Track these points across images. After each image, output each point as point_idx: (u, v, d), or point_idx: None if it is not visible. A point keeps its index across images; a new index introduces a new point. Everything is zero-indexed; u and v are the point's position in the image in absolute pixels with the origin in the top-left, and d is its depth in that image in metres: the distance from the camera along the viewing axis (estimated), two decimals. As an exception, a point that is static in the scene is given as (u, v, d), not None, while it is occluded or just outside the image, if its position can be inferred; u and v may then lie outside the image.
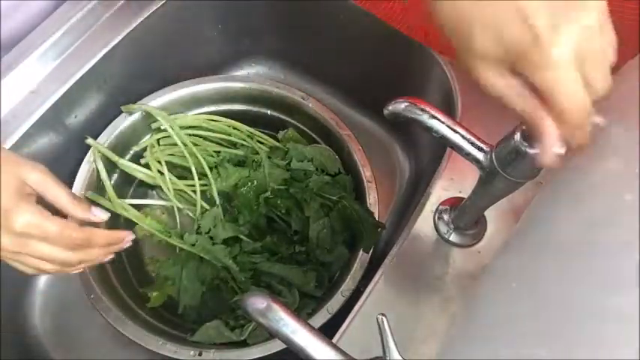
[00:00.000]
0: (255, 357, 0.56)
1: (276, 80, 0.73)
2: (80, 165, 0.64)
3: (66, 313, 0.71)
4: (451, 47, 0.34)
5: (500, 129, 0.41)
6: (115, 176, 0.69)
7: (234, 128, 0.72)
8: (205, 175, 0.68)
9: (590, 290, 0.29)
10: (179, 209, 0.68)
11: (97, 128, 0.67)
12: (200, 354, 0.57)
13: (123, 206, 0.63)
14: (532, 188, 0.51)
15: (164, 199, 0.71)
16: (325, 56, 0.80)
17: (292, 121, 0.75)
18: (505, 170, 0.40)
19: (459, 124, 0.42)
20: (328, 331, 0.47)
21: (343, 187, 0.68)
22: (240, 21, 0.78)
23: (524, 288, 0.37)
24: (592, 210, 0.35)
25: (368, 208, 0.65)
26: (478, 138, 0.42)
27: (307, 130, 0.74)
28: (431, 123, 0.41)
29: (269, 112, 0.75)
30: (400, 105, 0.41)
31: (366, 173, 0.67)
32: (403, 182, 0.79)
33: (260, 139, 0.73)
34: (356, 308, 0.51)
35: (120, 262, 0.67)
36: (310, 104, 0.71)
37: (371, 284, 0.52)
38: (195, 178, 0.67)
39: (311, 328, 0.36)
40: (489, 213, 0.55)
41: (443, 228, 0.55)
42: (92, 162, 0.64)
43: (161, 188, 0.67)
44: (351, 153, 0.69)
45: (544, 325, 0.31)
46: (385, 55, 0.71)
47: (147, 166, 0.67)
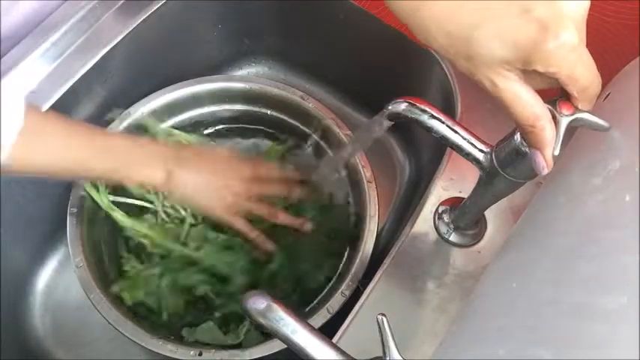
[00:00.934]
0: (255, 357, 0.56)
1: (276, 80, 0.73)
2: (80, 165, 0.64)
3: (66, 313, 0.71)
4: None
5: (500, 129, 0.41)
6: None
7: None
8: None
9: (590, 290, 0.29)
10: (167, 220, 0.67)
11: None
12: (200, 354, 0.57)
13: (111, 206, 0.63)
14: (532, 188, 0.51)
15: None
16: (325, 56, 0.80)
17: (292, 121, 0.75)
18: (505, 170, 0.40)
19: (459, 125, 0.42)
20: (328, 331, 0.47)
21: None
22: (240, 21, 0.78)
23: (524, 288, 0.37)
24: (592, 210, 0.35)
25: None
26: (478, 138, 0.42)
27: (307, 130, 0.74)
28: (431, 123, 0.41)
29: (269, 112, 0.75)
30: (400, 105, 0.41)
31: (366, 173, 0.67)
32: (403, 182, 0.79)
33: None
34: (356, 308, 0.51)
35: (120, 262, 0.67)
36: (310, 104, 0.71)
37: (371, 284, 0.52)
38: None
39: (311, 328, 0.36)
40: (489, 213, 0.55)
41: (443, 228, 0.55)
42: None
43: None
44: (351, 153, 0.69)
45: (544, 325, 0.31)
46: (385, 55, 0.71)
47: None
